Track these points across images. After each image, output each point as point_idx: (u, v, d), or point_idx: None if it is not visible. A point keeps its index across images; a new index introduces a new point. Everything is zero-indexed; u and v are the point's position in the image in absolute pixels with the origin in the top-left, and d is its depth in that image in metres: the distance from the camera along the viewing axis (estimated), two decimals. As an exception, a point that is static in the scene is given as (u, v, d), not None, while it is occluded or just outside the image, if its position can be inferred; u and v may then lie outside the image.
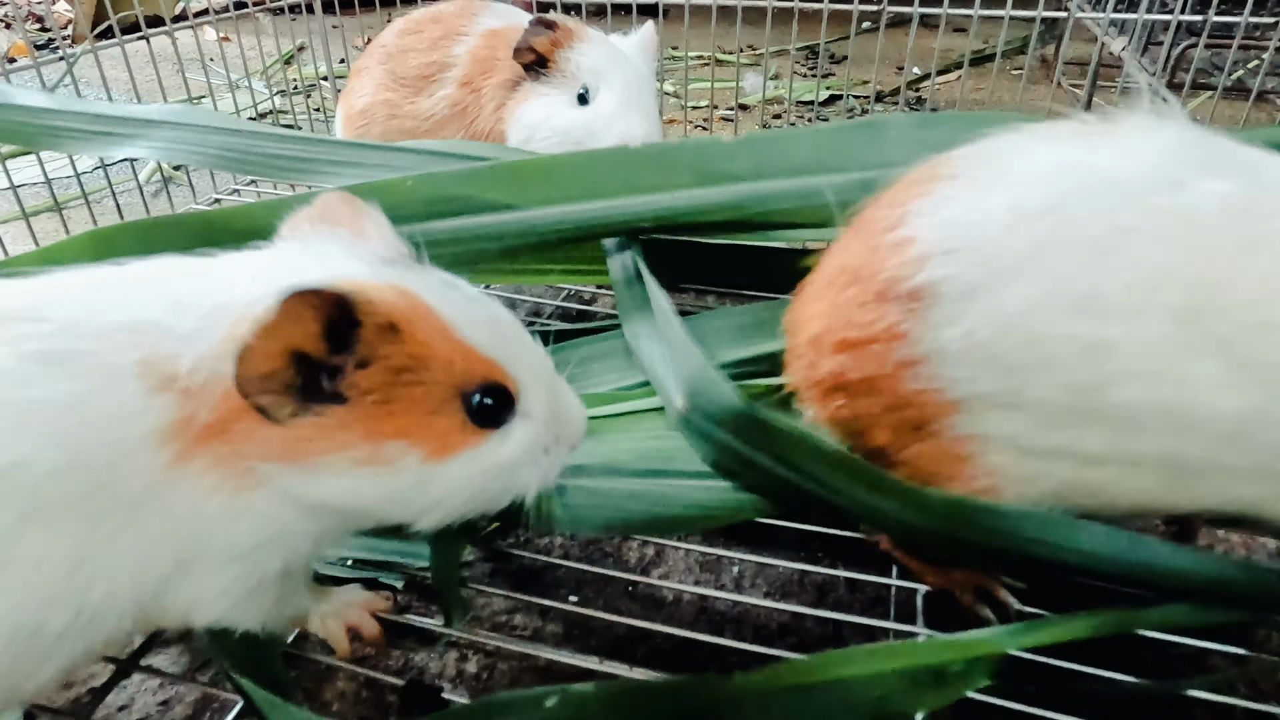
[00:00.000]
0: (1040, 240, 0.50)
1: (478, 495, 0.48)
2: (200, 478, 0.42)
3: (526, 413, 0.47)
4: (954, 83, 2.15)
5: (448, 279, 0.48)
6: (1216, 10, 1.17)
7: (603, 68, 1.00)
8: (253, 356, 0.39)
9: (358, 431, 0.42)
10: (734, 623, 0.70)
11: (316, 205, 0.51)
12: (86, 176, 1.49)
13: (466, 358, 0.44)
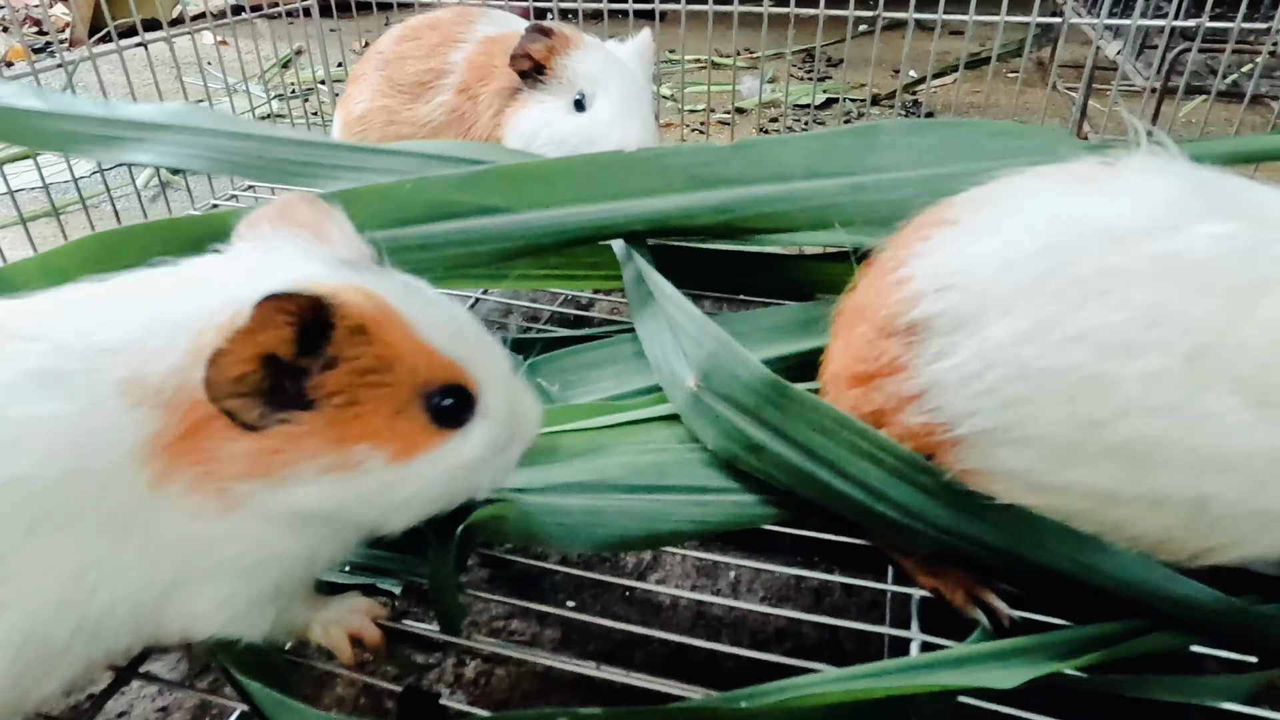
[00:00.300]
0: (1031, 278, 0.51)
1: (440, 494, 0.48)
2: (180, 501, 0.43)
3: (486, 412, 0.48)
4: (950, 86, 2.16)
5: (408, 281, 0.48)
6: (1210, 14, 1.17)
7: (599, 74, 1.01)
8: (225, 360, 0.40)
9: (325, 436, 0.43)
10: (731, 627, 0.70)
11: (277, 205, 0.51)
12: (84, 181, 1.49)
13: (429, 359, 0.45)
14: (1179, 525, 0.51)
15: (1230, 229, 0.50)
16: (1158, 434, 0.48)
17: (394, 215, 0.80)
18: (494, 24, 1.11)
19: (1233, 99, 1.75)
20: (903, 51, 1.29)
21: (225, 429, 0.42)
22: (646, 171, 0.83)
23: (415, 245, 0.81)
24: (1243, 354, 0.47)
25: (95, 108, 0.93)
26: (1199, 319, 0.48)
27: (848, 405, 0.60)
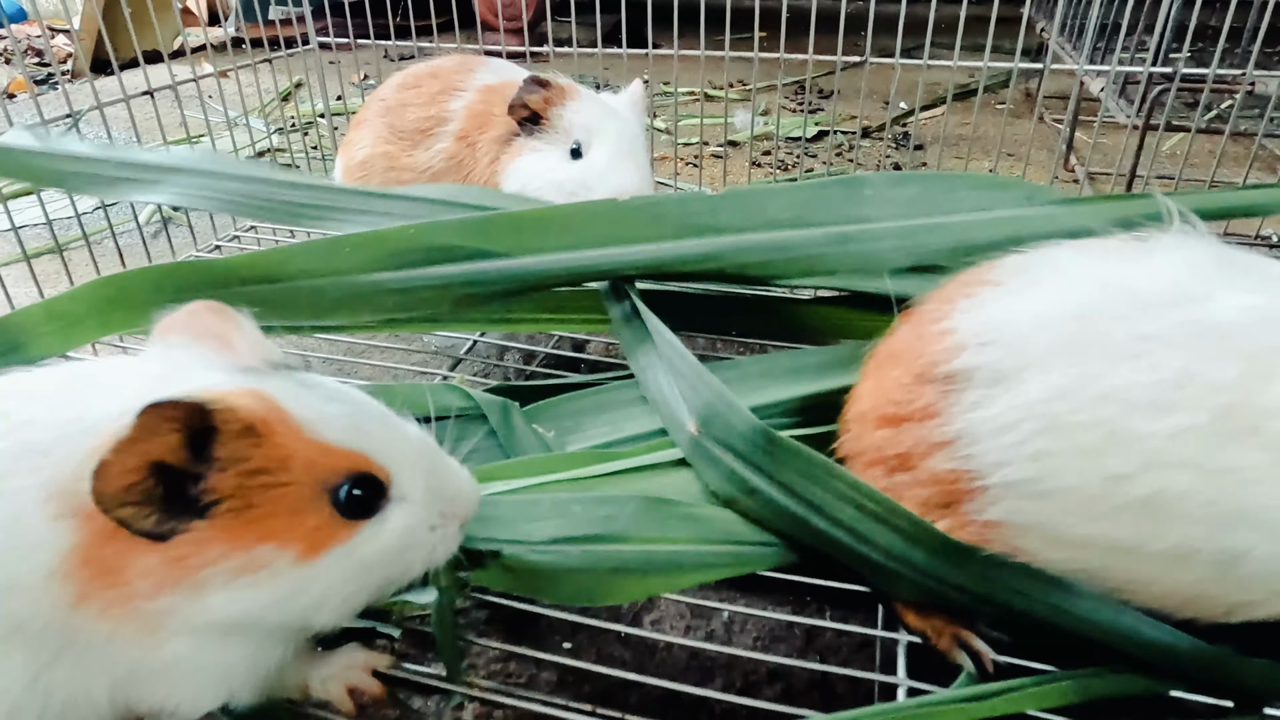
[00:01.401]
0: (1065, 339, 0.55)
1: (365, 584, 0.48)
2: (99, 623, 0.43)
3: (402, 497, 0.48)
4: (939, 118, 2.20)
5: (308, 379, 0.49)
6: (1189, 50, 1.20)
7: (595, 124, 1.03)
8: (111, 471, 0.40)
9: (228, 539, 0.43)
10: (724, 668, 0.71)
11: (185, 313, 0.52)
12: (87, 217, 1.51)
13: (326, 454, 0.45)
14: (1209, 580, 0.52)
15: (1253, 300, 0.53)
16: (1183, 488, 0.50)
17: (399, 258, 0.83)
18: (493, 73, 1.14)
19: (1215, 132, 1.79)
20: (892, 84, 1.32)
21: (131, 542, 0.42)
22: (639, 220, 0.85)
23: (420, 286, 0.83)
24: (1268, 413, 0.50)
25: (103, 151, 0.95)
26: (1226, 380, 0.51)
27: (873, 445, 0.63)
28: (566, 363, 1.10)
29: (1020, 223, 0.82)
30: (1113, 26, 2.03)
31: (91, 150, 0.94)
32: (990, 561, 0.57)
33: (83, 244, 1.24)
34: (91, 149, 0.95)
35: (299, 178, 0.95)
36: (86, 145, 0.96)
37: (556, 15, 3.23)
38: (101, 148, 0.95)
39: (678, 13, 1.25)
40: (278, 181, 0.94)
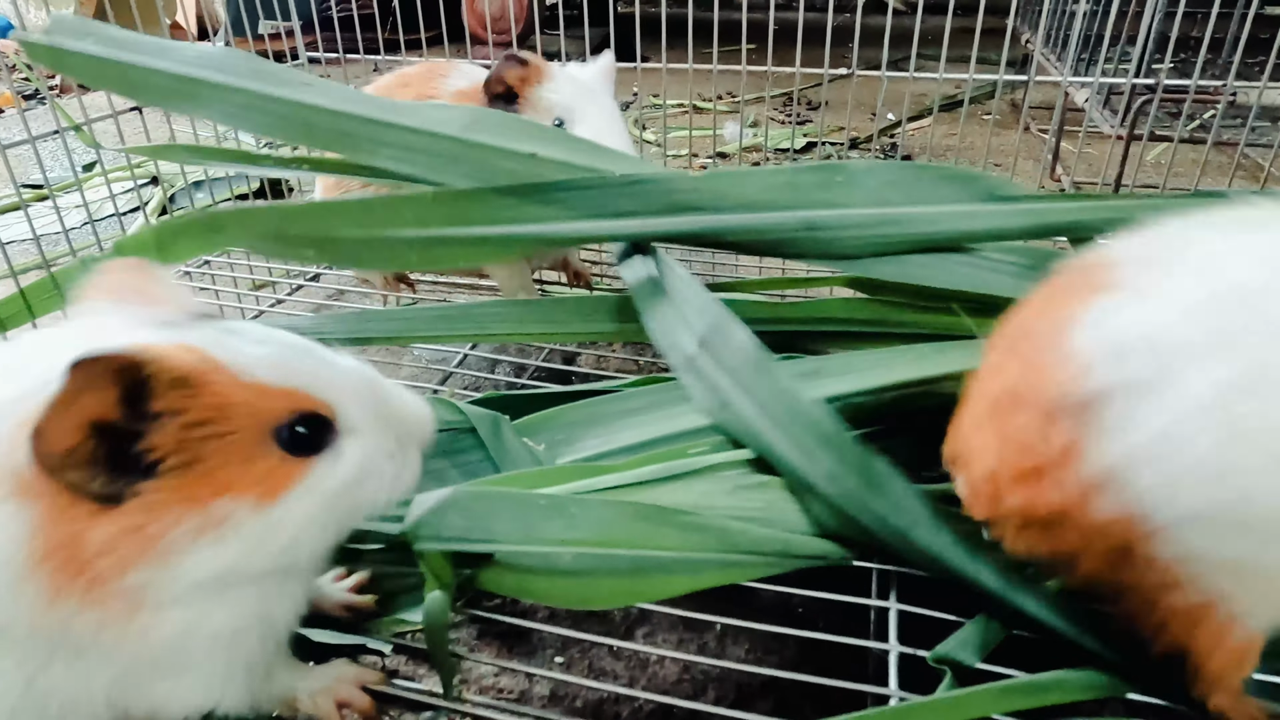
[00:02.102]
0: (1225, 324, 0.45)
1: (331, 520, 0.47)
2: (81, 615, 0.42)
3: (351, 428, 0.47)
4: (926, 128, 2.21)
5: (232, 326, 0.48)
6: (1172, 61, 1.22)
7: (574, 101, 1.05)
8: (48, 434, 0.39)
9: (181, 499, 0.42)
10: (717, 681, 0.71)
11: (102, 274, 0.50)
12: (75, 233, 1.50)
13: (263, 396, 0.44)
14: None
15: None
16: None
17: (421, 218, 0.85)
18: (465, 78, 1.14)
19: (1198, 142, 1.81)
20: (879, 94, 1.33)
21: (86, 511, 0.41)
22: (627, 195, 0.87)
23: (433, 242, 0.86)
24: None
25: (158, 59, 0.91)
26: None
27: (1016, 508, 0.53)
28: (558, 375, 1.10)
29: (984, 216, 0.83)
30: (1096, 38, 2.06)
31: (134, 55, 0.92)
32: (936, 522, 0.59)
33: (71, 259, 1.23)
34: (134, 53, 0.92)
35: (330, 98, 0.92)
36: (127, 48, 0.93)
37: (545, 28, 3.25)
38: (145, 51, 0.92)
39: (666, 26, 1.25)
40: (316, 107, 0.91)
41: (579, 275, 1.25)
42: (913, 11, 1.23)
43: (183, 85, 0.90)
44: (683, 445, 0.73)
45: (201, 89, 0.90)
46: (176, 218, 0.80)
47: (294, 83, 0.93)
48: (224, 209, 0.82)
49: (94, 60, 0.92)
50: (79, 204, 1.59)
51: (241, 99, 0.90)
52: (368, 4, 2.90)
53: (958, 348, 0.79)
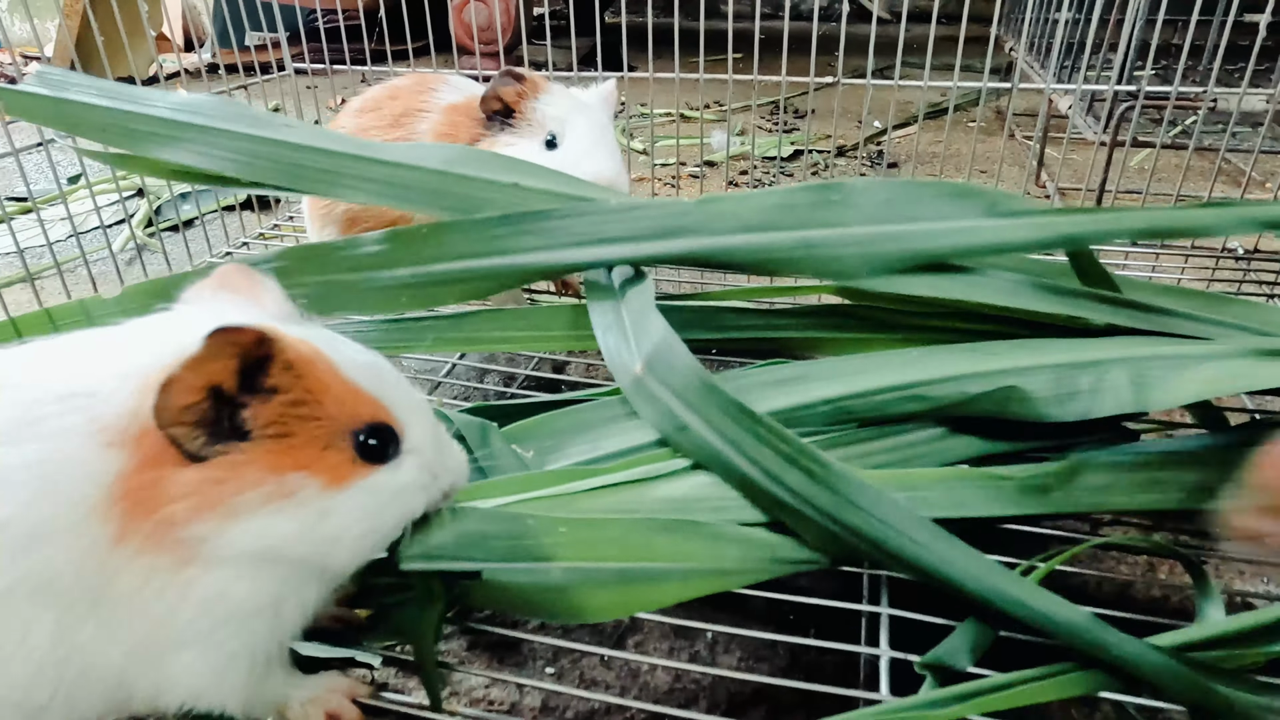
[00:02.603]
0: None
1: (376, 525, 0.51)
2: (137, 560, 0.44)
3: (412, 449, 0.52)
4: (912, 136, 2.23)
5: (334, 335, 0.52)
6: (1154, 68, 1.23)
7: (567, 116, 1.05)
8: (176, 387, 0.43)
9: (262, 465, 0.46)
10: (709, 689, 0.71)
11: (216, 275, 0.55)
12: (59, 245, 1.49)
13: (355, 398, 0.49)
14: None
15: None
16: None
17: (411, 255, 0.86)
18: (455, 90, 1.14)
19: (1180, 148, 1.83)
20: (865, 102, 1.34)
21: (173, 462, 0.45)
22: (619, 221, 0.87)
23: (431, 281, 0.86)
24: None
25: (125, 103, 0.92)
26: None
27: None
28: (547, 384, 1.09)
29: (981, 232, 0.83)
30: (1078, 45, 2.08)
31: (114, 102, 0.92)
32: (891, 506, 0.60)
33: (55, 273, 1.22)
34: (113, 100, 0.92)
35: (312, 139, 0.93)
36: (108, 95, 0.93)
37: (532, 39, 3.26)
38: (124, 98, 0.93)
39: (652, 35, 1.26)
40: (292, 145, 0.92)
41: (567, 285, 1.25)
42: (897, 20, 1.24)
43: (162, 130, 0.91)
44: (670, 450, 0.73)
45: (182, 133, 0.91)
46: (177, 276, 0.80)
47: (274, 124, 0.93)
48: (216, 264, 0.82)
49: (73, 109, 0.92)
50: (63, 217, 1.59)
51: (223, 142, 0.91)
52: (355, 15, 2.90)
53: (946, 352, 0.80)
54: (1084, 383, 0.73)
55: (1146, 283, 0.91)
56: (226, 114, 0.93)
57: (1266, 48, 1.18)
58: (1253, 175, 1.37)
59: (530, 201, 0.90)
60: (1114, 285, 0.86)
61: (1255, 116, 1.78)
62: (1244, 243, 1.38)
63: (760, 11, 1.25)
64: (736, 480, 0.67)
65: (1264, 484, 0.60)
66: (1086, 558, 0.83)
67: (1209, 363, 0.75)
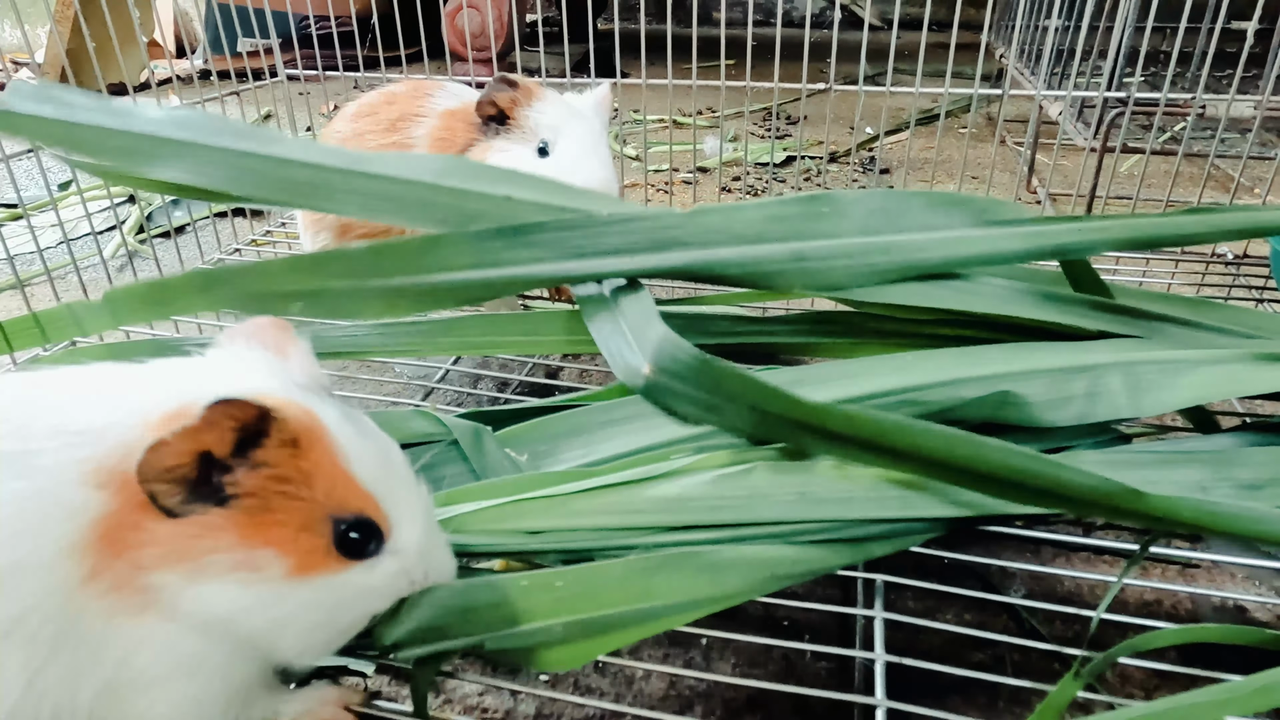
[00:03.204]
0: None
1: (334, 622, 0.49)
2: (101, 600, 0.44)
3: (396, 550, 0.50)
4: (904, 142, 2.24)
5: (350, 412, 0.51)
6: (1143, 75, 1.24)
7: (559, 123, 1.05)
8: (164, 450, 0.42)
9: (236, 534, 0.45)
10: (703, 696, 0.71)
11: (249, 325, 0.55)
12: (49, 252, 1.49)
13: (346, 486, 0.47)
14: None
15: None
16: None
17: (401, 267, 0.85)
18: (452, 97, 1.14)
19: (1169, 153, 1.84)
20: (857, 109, 1.34)
21: (154, 512, 0.44)
22: (610, 235, 0.87)
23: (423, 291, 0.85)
24: None
25: (115, 120, 0.91)
26: None
27: None
28: (541, 390, 1.09)
29: (971, 243, 0.84)
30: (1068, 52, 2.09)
31: (99, 116, 0.91)
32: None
33: (45, 279, 1.22)
34: (99, 114, 0.92)
35: (302, 153, 0.92)
36: (93, 110, 0.92)
37: (526, 45, 3.27)
38: (110, 112, 0.92)
39: (645, 42, 1.27)
40: (285, 160, 0.91)
41: (560, 290, 1.25)
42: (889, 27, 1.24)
43: (146, 145, 0.90)
44: (665, 451, 0.73)
45: (165, 148, 0.90)
46: (164, 280, 0.79)
47: (265, 138, 0.93)
48: (210, 271, 0.81)
49: (53, 125, 0.91)
50: (54, 223, 1.58)
51: (208, 157, 0.90)
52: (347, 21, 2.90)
53: (940, 357, 0.80)
54: (1078, 388, 0.74)
55: (1138, 289, 0.91)
56: (216, 128, 0.93)
57: (1254, 54, 1.19)
58: (1241, 181, 1.38)
59: (523, 213, 0.90)
60: (1107, 292, 0.86)
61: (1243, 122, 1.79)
62: (1233, 248, 1.39)
63: (753, 18, 1.25)
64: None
65: None
66: (1079, 561, 0.84)
67: (1202, 368, 0.75)
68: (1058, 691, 0.56)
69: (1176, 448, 0.75)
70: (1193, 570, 0.83)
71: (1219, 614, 0.78)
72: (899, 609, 0.66)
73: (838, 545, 0.65)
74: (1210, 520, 0.58)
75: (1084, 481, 0.58)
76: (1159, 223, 0.83)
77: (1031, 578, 0.81)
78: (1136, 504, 0.58)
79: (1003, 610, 0.78)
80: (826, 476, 0.68)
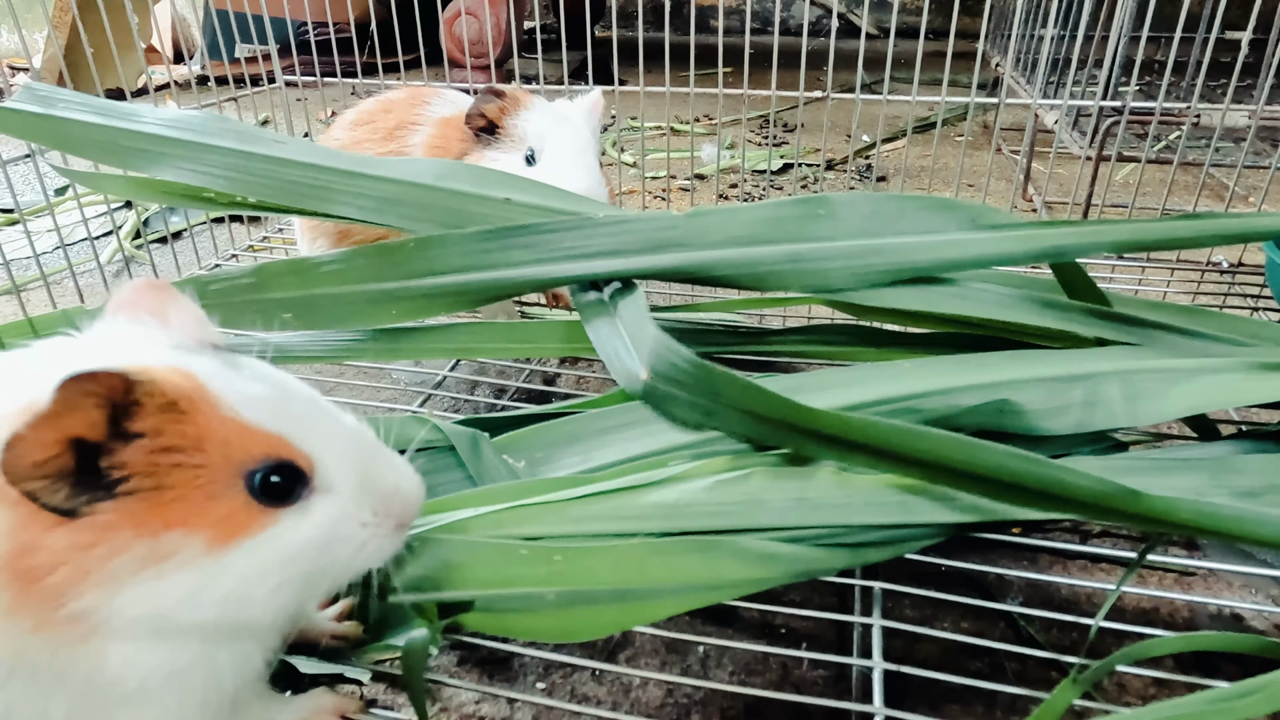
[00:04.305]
0: None
1: (288, 578, 0.45)
2: (36, 635, 0.41)
3: (328, 487, 0.45)
4: (900, 150, 2.25)
5: (237, 360, 0.47)
6: (1138, 84, 1.25)
7: (545, 131, 1.06)
8: (24, 445, 0.38)
9: (134, 525, 0.41)
10: (701, 704, 0.70)
11: (125, 292, 0.50)
12: (46, 257, 1.48)
13: (246, 436, 0.43)
14: None
15: None
16: None
17: (398, 270, 0.86)
18: (448, 104, 1.14)
19: (1165, 162, 1.85)
20: (854, 117, 1.35)
21: (44, 522, 0.40)
22: (607, 235, 0.87)
23: (419, 294, 0.86)
24: None
25: (115, 119, 0.91)
26: None
27: None
28: (538, 396, 1.09)
29: (963, 245, 0.84)
30: (1064, 61, 2.11)
31: (102, 118, 0.92)
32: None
33: (41, 284, 1.22)
34: (102, 116, 0.92)
35: (303, 154, 0.93)
36: (96, 111, 0.93)
37: (523, 52, 3.27)
38: (113, 114, 0.92)
39: (643, 49, 1.27)
40: (285, 160, 0.91)
41: (558, 297, 1.25)
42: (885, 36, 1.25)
43: (152, 146, 0.91)
44: (663, 458, 0.73)
45: (171, 149, 0.91)
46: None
47: (264, 140, 0.93)
48: (205, 277, 0.82)
49: (62, 125, 0.92)
50: (50, 228, 1.58)
51: (212, 158, 0.90)
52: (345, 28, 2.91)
53: (938, 365, 0.80)
54: (1076, 396, 0.74)
55: (1134, 298, 0.92)
56: (216, 130, 0.93)
57: (1248, 64, 1.20)
58: (1236, 190, 1.38)
59: (521, 217, 0.91)
60: (1102, 298, 0.86)
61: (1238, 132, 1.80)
62: (1229, 257, 1.40)
63: (750, 26, 1.25)
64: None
65: None
66: (1076, 569, 0.84)
67: (1199, 377, 0.75)
68: (1054, 699, 0.56)
69: (1174, 455, 0.75)
70: (1190, 578, 0.83)
71: (1216, 622, 0.78)
72: (897, 617, 0.66)
73: (835, 549, 0.65)
74: (1208, 522, 0.58)
75: (1082, 483, 0.58)
76: (1149, 228, 0.84)
77: (1029, 585, 0.81)
78: (1135, 505, 0.58)
79: (1000, 618, 0.78)
80: (824, 482, 0.68)
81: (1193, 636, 0.61)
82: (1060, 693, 0.56)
